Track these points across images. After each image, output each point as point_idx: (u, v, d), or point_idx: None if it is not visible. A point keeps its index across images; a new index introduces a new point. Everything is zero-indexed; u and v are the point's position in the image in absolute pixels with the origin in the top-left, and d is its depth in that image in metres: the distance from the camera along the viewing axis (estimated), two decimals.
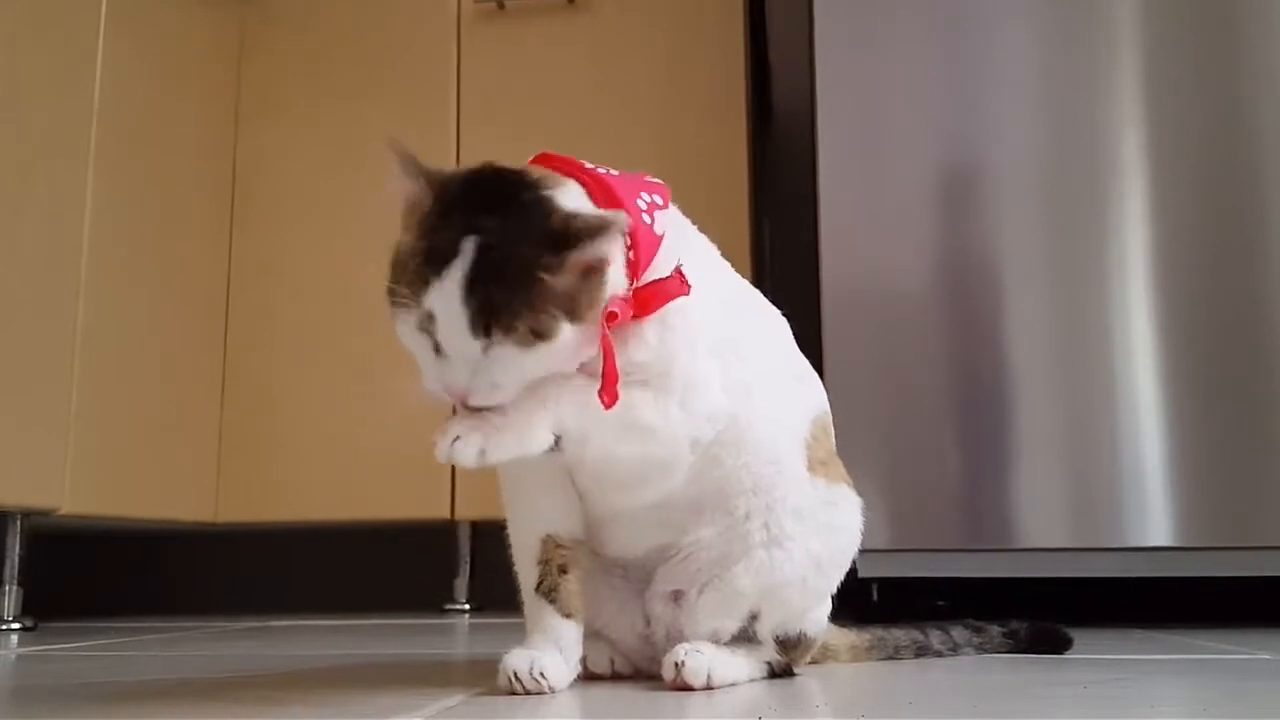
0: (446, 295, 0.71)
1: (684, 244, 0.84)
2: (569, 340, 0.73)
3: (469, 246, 0.71)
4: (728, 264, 0.91)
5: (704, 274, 0.85)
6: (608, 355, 0.76)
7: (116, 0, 1.77)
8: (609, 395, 0.75)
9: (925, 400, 1.51)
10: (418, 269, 0.73)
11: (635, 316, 0.78)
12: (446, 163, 2.01)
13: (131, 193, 1.81)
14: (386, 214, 0.79)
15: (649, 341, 0.79)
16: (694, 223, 0.89)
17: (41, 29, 1.61)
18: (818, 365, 1.41)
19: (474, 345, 0.72)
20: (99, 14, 1.74)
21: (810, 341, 0.97)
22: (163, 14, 1.92)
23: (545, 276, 0.72)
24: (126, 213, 1.79)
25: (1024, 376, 1.49)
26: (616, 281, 0.76)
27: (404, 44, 2.12)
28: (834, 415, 0.95)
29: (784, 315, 0.95)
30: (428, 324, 0.73)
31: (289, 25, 2.17)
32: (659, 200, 0.82)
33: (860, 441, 1.48)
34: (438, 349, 0.73)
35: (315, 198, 2.10)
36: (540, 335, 0.72)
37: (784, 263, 2.25)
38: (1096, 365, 1.48)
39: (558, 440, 0.77)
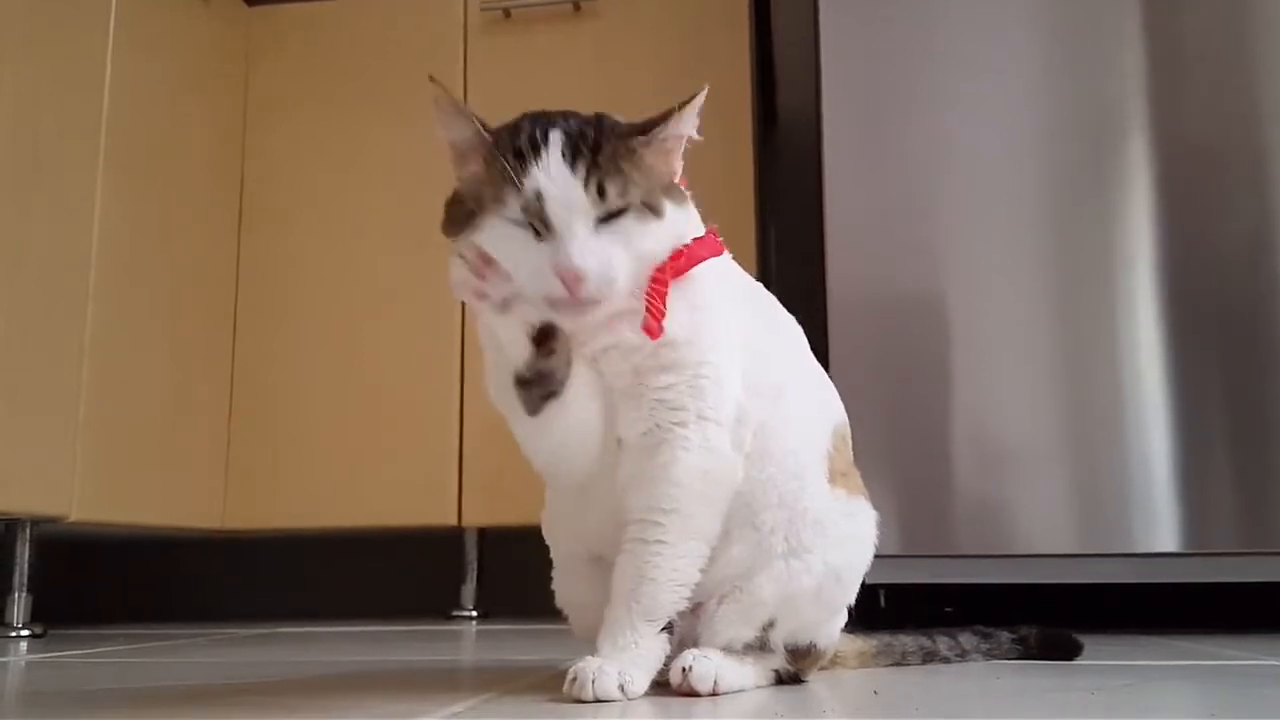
0: (552, 169, 0.73)
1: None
2: (673, 218, 0.77)
3: (556, 135, 0.74)
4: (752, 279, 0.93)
5: (735, 281, 0.88)
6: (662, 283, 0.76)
7: (126, 8, 1.77)
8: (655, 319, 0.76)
9: (932, 405, 1.50)
10: (510, 165, 0.73)
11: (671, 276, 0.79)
12: None
13: (140, 199, 1.81)
14: (393, 216, 0.80)
15: (679, 318, 0.80)
16: None
17: (52, 37, 1.62)
18: (824, 370, 1.40)
19: (589, 211, 0.72)
20: (108, 22, 1.74)
21: (816, 346, 0.97)
22: (171, 21, 1.93)
23: (639, 148, 0.76)
24: (135, 219, 1.79)
25: (1032, 381, 1.49)
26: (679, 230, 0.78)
27: (411, 50, 2.12)
28: None
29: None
30: (534, 204, 0.72)
31: (296, 31, 2.18)
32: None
33: (867, 447, 1.47)
34: (540, 233, 0.72)
35: (323, 203, 2.11)
36: (651, 207, 0.75)
37: (789, 267, 2.25)
38: (1104, 369, 1.47)
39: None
